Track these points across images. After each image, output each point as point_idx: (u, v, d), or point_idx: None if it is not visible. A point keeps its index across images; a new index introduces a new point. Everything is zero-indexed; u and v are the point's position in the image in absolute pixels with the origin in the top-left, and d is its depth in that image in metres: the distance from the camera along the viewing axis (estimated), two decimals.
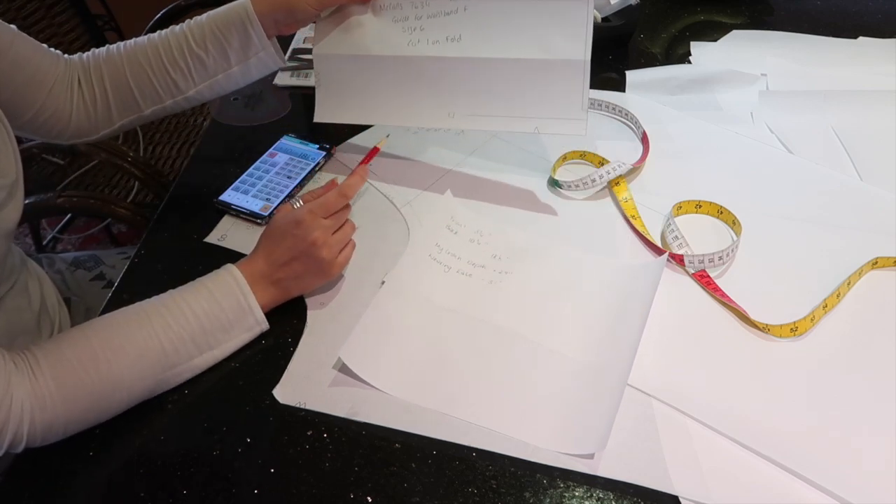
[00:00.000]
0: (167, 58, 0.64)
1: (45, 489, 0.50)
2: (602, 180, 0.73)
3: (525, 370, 0.56)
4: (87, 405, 0.49)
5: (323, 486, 0.49)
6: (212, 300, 0.54)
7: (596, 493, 0.49)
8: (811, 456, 0.50)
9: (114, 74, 0.65)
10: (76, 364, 0.48)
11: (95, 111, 0.66)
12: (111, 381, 0.49)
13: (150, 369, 0.51)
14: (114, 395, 0.50)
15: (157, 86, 0.65)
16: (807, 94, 0.89)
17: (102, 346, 0.49)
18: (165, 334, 0.51)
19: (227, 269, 0.57)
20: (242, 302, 0.55)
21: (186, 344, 0.52)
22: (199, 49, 0.64)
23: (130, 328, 0.51)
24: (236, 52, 0.65)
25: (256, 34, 0.64)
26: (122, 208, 0.92)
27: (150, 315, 0.52)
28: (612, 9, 0.99)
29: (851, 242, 0.67)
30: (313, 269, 0.59)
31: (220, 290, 0.55)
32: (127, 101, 0.66)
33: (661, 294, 0.60)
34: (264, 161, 0.78)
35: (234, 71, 0.66)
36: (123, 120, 0.67)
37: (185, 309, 0.52)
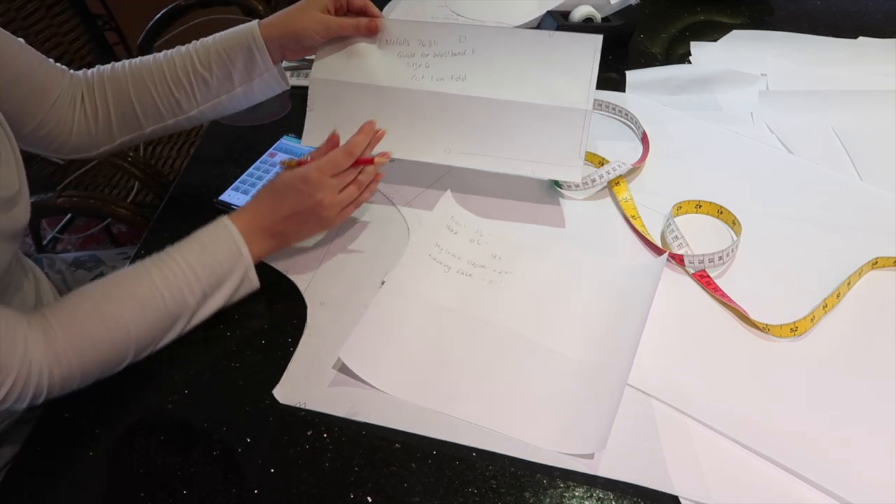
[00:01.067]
0: (171, 77, 0.64)
1: (45, 489, 0.50)
2: (602, 180, 0.73)
3: (525, 370, 0.56)
4: (98, 356, 0.52)
5: (323, 486, 0.49)
6: (206, 252, 0.56)
7: (596, 493, 0.49)
8: (811, 456, 0.50)
9: (117, 91, 0.65)
10: (84, 319, 0.51)
11: (96, 127, 0.65)
12: (117, 331, 0.52)
13: (152, 319, 0.54)
14: (121, 346, 0.52)
15: (160, 104, 0.65)
16: (807, 94, 0.89)
17: (106, 300, 0.52)
18: (164, 285, 0.54)
19: (223, 224, 0.58)
20: (236, 252, 0.58)
21: (184, 293, 0.55)
22: (204, 70, 0.64)
23: (131, 282, 0.54)
24: (240, 73, 0.65)
25: (262, 57, 0.64)
26: (122, 208, 0.92)
27: (150, 269, 0.54)
28: (612, 9, 1.00)
29: (851, 242, 0.67)
30: (314, 224, 0.62)
31: (215, 242, 0.57)
32: (128, 117, 0.66)
33: (661, 294, 0.60)
34: (264, 161, 0.78)
35: (237, 92, 0.66)
36: (124, 137, 0.67)
37: (180, 261, 0.55)
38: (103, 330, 0.51)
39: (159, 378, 0.57)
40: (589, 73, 0.65)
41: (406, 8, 1.12)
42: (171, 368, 0.57)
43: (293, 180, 0.60)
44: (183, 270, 0.55)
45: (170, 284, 0.54)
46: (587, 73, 0.65)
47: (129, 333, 0.52)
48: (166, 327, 0.55)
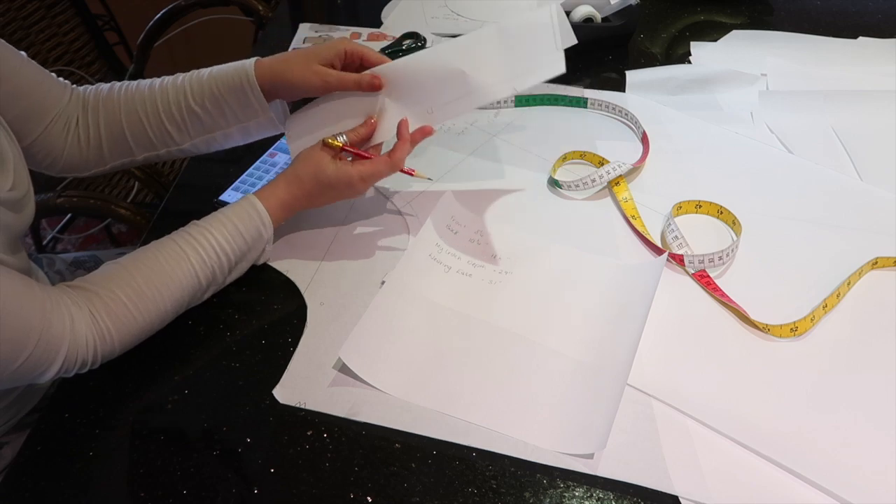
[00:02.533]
0: (164, 109, 0.63)
1: (45, 489, 0.50)
2: (602, 180, 0.73)
3: (525, 370, 0.56)
4: (137, 334, 0.55)
5: (323, 486, 0.49)
6: (237, 235, 0.59)
7: (596, 493, 0.49)
8: (811, 456, 0.50)
9: (110, 117, 0.64)
10: (127, 303, 0.53)
11: (88, 151, 0.64)
12: (157, 313, 0.55)
13: (187, 298, 0.58)
14: (158, 324, 0.57)
15: (152, 135, 0.64)
16: (807, 94, 0.89)
17: (148, 285, 0.54)
18: (201, 269, 0.57)
19: (254, 207, 0.60)
20: (263, 233, 0.61)
21: (216, 274, 0.59)
22: (197, 106, 0.63)
23: (171, 266, 0.56)
24: (234, 113, 0.64)
25: (256, 99, 0.62)
26: (122, 208, 0.92)
27: (187, 252, 0.56)
28: (612, 9, 1.00)
29: (851, 242, 0.67)
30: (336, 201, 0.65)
31: (246, 226, 0.60)
32: (120, 145, 0.65)
33: (661, 294, 0.60)
34: (264, 161, 0.78)
35: (233, 131, 0.65)
36: (115, 162, 0.66)
37: (215, 245, 0.58)
38: (145, 313, 0.54)
39: (159, 378, 0.57)
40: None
41: (406, 8, 1.12)
42: (171, 368, 0.57)
43: (338, 181, 0.61)
44: (218, 256, 0.58)
45: (206, 269, 0.57)
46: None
47: (166, 314, 0.56)
48: (195, 302, 0.60)
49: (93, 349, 0.52)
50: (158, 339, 0.58)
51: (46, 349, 0.48)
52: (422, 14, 1.10)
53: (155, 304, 0.54)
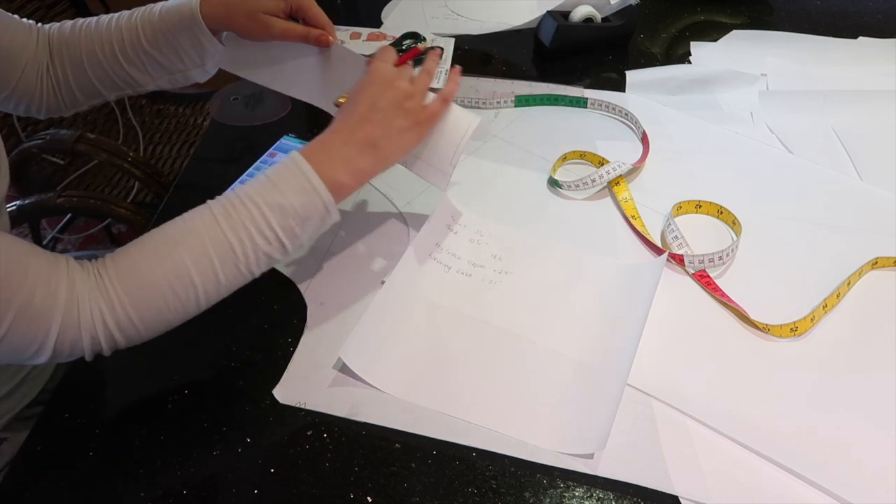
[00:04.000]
0: (121, 53, 0.61)
1: (45, 489, 0.50)
2: (602, 180, 0.73)
3: (525, 370, 0.56)
4: (157, 301, 0.47)
5: (323, 486, 0.49)
6: (268, 182, 0.50)
7: (596, 493, 0.49)
8: (811, 456, 0.50)
9: (74, 61, 0.62)
10: (139, 259, 0.47)
11: (62, 94, 0.64)
12: (176, 274, 0.47)
13: (217, 263, 0.48)
14: (183, 290, 0.47)
15: (116, 78, 0.63)
16: (807, 94, 0.89)
17: (165, 240, 0.48)
18: (228, 224, 0.48)
19: (290, 156, 0.52)
20: (306, 185, 0.50)
21: (250, 231, 0.49)
22: (152, 48, 0.61)
23: (193, 221, 0.48)
24: (190, 56, 0.62)
25: (208, 40, 0.61)
26: (122, 208, 0.92)
27: (213, 207, 0.49)
28: (612, 9, 1.00)
29: (851, 242, 0.68)
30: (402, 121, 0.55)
31: (277, 171, 0.51)
32: (89, 88, 0.64)
33: (661, 294, 0.60)
34: (264, 161, 0.78)
35: (192, 73, 0.65)
36: (91, 102, 0.66)
37: (241, 195, 0.49)
38: (160, 273, 0.46)
39: (159, 378, 0.57)
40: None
41: (406, 8, 1.12)
42: (171, 368, 0.57)
43: (361, 82, 0.55)
44: (250, 211, 0.49)
45: (234, 224, 0.48)
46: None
47: (189, 278, 0.47)
48: (235, 272, 0.49)
49: (103, 325, 0.45)
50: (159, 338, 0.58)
51: (31, 323, 0.42)
52: (422, 14, 1.10)
53: (172, 260, 0.47)
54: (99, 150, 0.99)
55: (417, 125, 0.56)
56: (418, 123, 0.56)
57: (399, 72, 0.56)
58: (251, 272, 0.50)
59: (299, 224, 0.50)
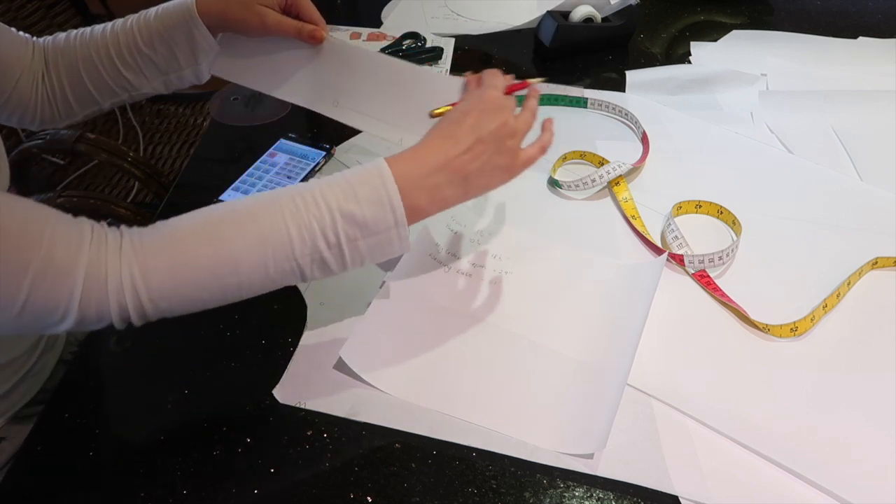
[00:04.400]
0: (117, 56, 0.62)
1: (45, 489, 0.50)
2: (602, 180, 0.73)
3: (525, 370, 0.56)
4: (198, 281, 0.44)
5: (323, 486, 0.49)
6: (350, 192, 0.46)
7: (596, 493, 0.49)
8: (811, 456, 0.50)
9: (69, 70, 0.63)
10: (191, 236, 0.44)
11: (56, 104, 0.64)
12: (226, 258, 0.44)
13: (270, 255, 0.45)
14: (228, 277, 0.44)
15: (111, 83, 0.63)
16: (807, 94, 0.89)
17: (223, 220, 0.45)
18: (293, 220, 0.45)
19: (375, 164, 0.48)
20: (384, 199, 0.46)
21: (315, 234, 0.45)
22: (147, 48, 0.62)
23: (256, 208, 0.45)
24: (185, 54, 0.63)
25: (204, 38, 0.62)
26: (122, 208, 0.92)
27: (281, 198, 0.46)
28: (612, 9, 1.00)
29: (851, 242, 0.68)
30: (497, 158, 0.51)
31: (361, 182, 0.47)
32: (85, 96, 0.64)
33: (661, 294, 0.60)
34: (264, 161, 0.78)
35: (187, 73, 0.65)
36: (85, 112, 0.66)
37: (318, 198, 0.46)
38: (209, 253, 0.44)
39: (159, 378, 0.57)
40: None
41: (406, 8, 1.12)
42: (171, 368, 0.57)
43: (470, 102, 0.51)
44: (321, 212, 0.45)
45: (300, 220, 0.45)
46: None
47: (238, 265, 0.44)
48: (287, 270, 0.46)
49: (132, 292, 0.42)
50: (159, 338, 0.58)
51: (51, 288, 0.40)
52: (422, 14, 1.10)
53: (224, 244, 0.44)
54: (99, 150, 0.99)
55: (512, 167, 0.52)
56: (513, 166, 0.52)
57: (509, 103, 0.52)
58: (303, 274, 0.47)
59: (365, 237, 0.47)
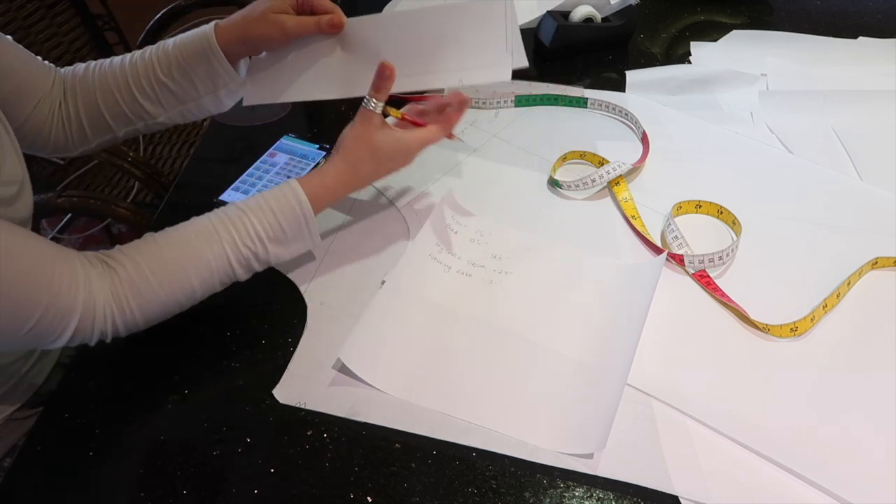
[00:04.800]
0: (135, 84, 0.63)
1: (45, 489, 0.50)
2: (602, 180, 0.73)
3: (525, 370, 0.56)
4: (160, 310, 0.54)
5: (323, 486, 0.49)
6: (275, 222, 0.56)
7: (596, 493, 0.49)
8: (811, 456, 0.50)
9: (86, 97, 0.64)
10: (153, 281, 0.52)
11: (71, 131, 0.65)
12: (183, 291, 0.54)
13: (217, 281, 0.56)
14: (186, 302, 0.55)
15: (127, 111, 0.64)
16: (807, 94, 0.89)
17: (178, 265, 0.53)
18: (232, 252, 0.55)
19: (295, 195, 0.57)
20: (303, 224, 0.58)
21: (250, 261, 0.57)
22: (166, 77, 0.63)
23: (201, 245, 0.54)
24: (203, 82, 0.64)
25: (222, 67, 0.62)
26: (122, 208, 0.92)
27: (221, 235, 0.55)
28: (612, 9, 1.00)
29: (851, 242, 0.67)
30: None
31: (285, 214, 0.57)
32: (99, 123, 0.65)
33: (661, 294, 0.60)
34: (264, 161, 0.78)
35: (205, 100, 0.65)
36: (99, 140, 0.67)
37: (251, 230, 0.56)
38: (170, 292, 0.53)
39: (159, 378, 0.57)
40: None
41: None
42: (171, 368, 0.57)
43: (397, 152, 0.60)
44: (253, 241, 0.56)
45: (237, 252, 0.55)
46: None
47: (193, 293, 0.55)
48: (230, 282, 0.58)
49: (111, 322, 0.51)
50: (159, 338, 0.58)
51: (54, 319, 0.48)
52: None
53: (180, 282, 0.53)
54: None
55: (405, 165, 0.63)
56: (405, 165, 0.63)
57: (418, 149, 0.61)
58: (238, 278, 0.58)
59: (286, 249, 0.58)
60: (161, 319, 0.55)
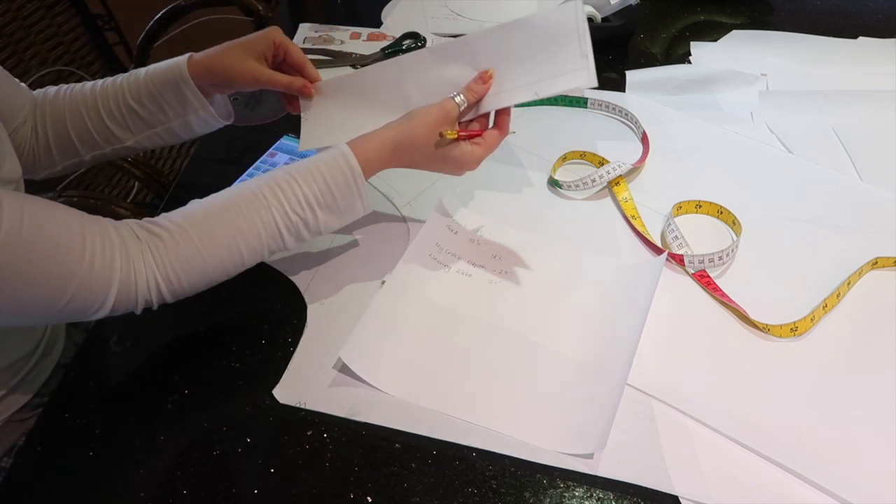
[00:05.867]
0: (104, 107, 0.63)
1: (46, 489, 0.50)
2: (602, 180, 0.73)
3: (525, 370, 0.56)
4: (208, 277, 0.53)
5: (323, 486, 0.49)
6: (325, 188, 0.55)
7: (596, 493, 0.49)
8: (811, 456, 0.50)
9: (55, 120, 0.64)
10: (201, 248, 0.51)
11: (39, 153, 0.65)
12: (231, 259, 0.53)
13: (266, 249, 0.55)
14: (233, 269, 0.54)
15: (95, 134, 0.64)
16: (807, 94, 0.89)
17: (226, 232, 0.52)
18: (282, 220, 0.54)
19: (346, 159, 0.55)
20: (354, 190, 0.56)
21: (300, 229, 0.55)
22: (135, 103, 0.63)
23: (251, 215, 0.53)
24: (173, 109, 0.64)
25: (193, 95, 0.62)
26: (122, 208, 0.92)
27: (269, 201, 0.53)
28: (612, 9, 1.00)
29: (851, 242, 0.67)
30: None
31: (336, 180, 0.55)
32: (67, 146, 0.65)
33: (661, 294, 0.60)
34: (264, 161, 0.78)
35: (175, 125, 0.65)
36: (65, 163, 0.66)
37: (300, 196, 0.54)
38: (219, 260, 0.52)
39: (159, 378, 0.57)
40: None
41: (406, 8, 1.12)
42: (171, 368, 0.57)
43: (455, 160, 0.59)
44: (302, 207, 0.54)
45: (287, 220, 0.54)
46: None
47: (242, 261, 0.54)
48: (280, 251, 0.56)
49: (156, 290, 0.50)
50: (159, 338, 0.59)
51: (92, 290, 0.47)
52: (422, 14, 1.10)
53: (229, 250, 0.52)
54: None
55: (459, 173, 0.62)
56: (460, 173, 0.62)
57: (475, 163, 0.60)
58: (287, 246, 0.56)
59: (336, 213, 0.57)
60: (207, 287, 0.54)
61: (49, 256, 0.45)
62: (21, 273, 0.44)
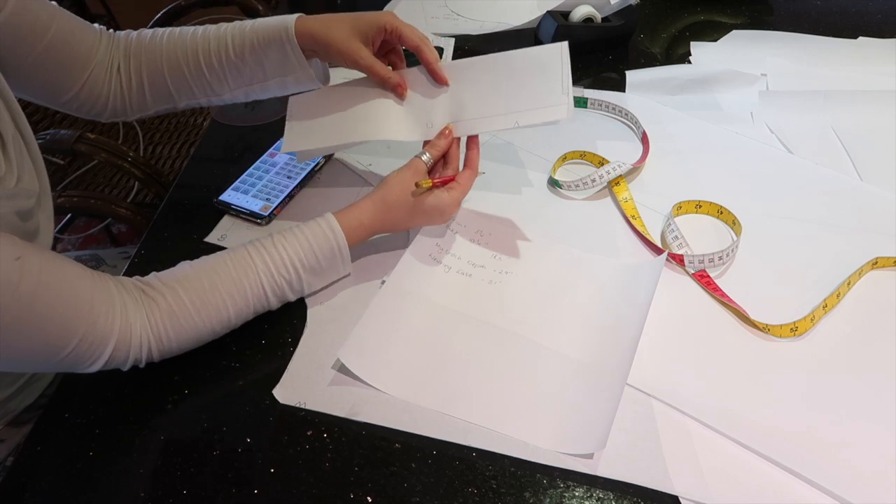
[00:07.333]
0: (205, 61, 0.63)
1: (46, 489, 0.50)
2: (602, 180, 0.73)
3: (525, 370, 0.56)
4: (197, 337, 0.55)
5: (323, 486, 0.49)
6: (310, 253, 0.58)
7: (596, 493, 0.49)
8: (811, 456, 0.50)
9: (151, 66, 0.64)
10: (192, 310, 0.53)
11: (131, 97, 0.65)
12: (219, 320, 0.55)
13: (252, 310, 0.57)
14: (220, 330, 0.56)
15: (193, 85, 0.64)
16: (807, 94, 0.89)
17: (216, 294, 0.54)
18: (268, 281, 0.56)
19: (331, 228, 0.59)
20: (337, 254, 0.59)
21: (284, 290, 0.58)
22: (237, 58, 0.63)
23: (238, 274, 0.55)
24: (274, 66, 0.64)
25: (296, 57, 0.62)
26: (122, 208, 0.92)
27: (256, 263, 0.56)
28: (612, 9, 1.00)
29: (851, 242, 0.68)
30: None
31: (320, 245, 0.58)
32: (162, 93, 0.65)
33: (661, 294, 0.60)
34: (264, 161, 0.78)
35: (271, 83, 0.65)
36: (158, 107, 0.67)
37: (286, 260, 0.57)
38: (208, 322, 0.54)
39: (159, 378, 0.57)
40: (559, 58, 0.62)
41: (406, 8, 1.12)
42: (171, 368, 0.57)
43: (433, 208, 0.61)
44: (288, 270, 0.57)
45: (273, 282, 0.56)
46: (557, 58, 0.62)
47: (229, 321, 0.56)
48: (263, 311, 0.59)
49: (147, 349, 0.52)
50: None
51: (91, 346, 0.48)
52: (422, 14, 1.10)
53: (217, 311, 0.54)
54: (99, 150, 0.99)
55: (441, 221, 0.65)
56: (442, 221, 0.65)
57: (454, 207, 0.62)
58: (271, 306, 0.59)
59: (319, 275, 0.60)
60: (195, 346, 0.55)
61: (58, 310, 0.46)
62: (29, 327, 0.45)
